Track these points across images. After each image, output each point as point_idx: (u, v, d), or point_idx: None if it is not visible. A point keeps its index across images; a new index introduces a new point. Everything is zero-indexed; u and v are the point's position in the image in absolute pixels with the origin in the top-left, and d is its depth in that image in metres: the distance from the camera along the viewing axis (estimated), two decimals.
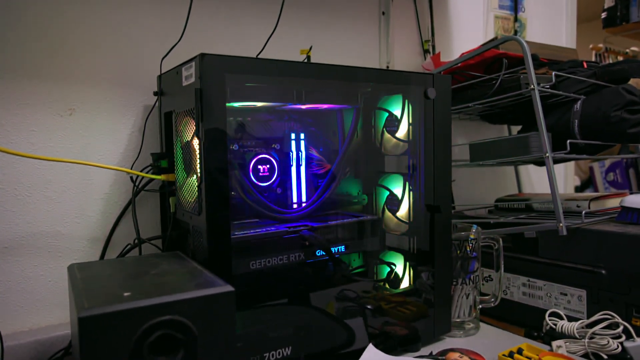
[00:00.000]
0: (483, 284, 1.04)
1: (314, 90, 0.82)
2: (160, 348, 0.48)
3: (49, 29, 0.81)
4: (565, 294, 0.91)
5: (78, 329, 0.45)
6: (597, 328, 0.78)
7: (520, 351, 0.76)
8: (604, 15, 2.38)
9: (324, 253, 0.83)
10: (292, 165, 0.87)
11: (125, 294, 0.49)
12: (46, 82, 0.81)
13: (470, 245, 0.88)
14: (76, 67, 0.83)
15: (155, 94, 0.85)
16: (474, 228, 0.89)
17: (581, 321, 0.81)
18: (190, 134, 0.69)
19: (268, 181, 0.84)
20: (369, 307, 0.83)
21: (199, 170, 0.65)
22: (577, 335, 0.79)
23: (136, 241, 0.81)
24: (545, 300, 0.94)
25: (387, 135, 0.90)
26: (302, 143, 0.88)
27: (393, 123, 0.89)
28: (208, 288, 0.51)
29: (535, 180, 1.61)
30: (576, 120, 0.99)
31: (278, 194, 0.86)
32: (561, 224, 0.88)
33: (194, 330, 0.49)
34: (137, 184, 0.84)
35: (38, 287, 0.81)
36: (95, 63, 0.85)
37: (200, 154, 0.64)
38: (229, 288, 0.52)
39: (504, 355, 0.75)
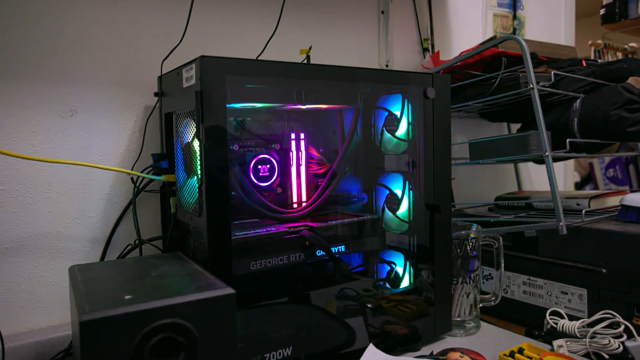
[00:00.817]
0: (483, 283, 1.04)
1: (313, 91, 0.82)
2: (161, 351, 0.48)
3: (49, 30, 0.81)
4: (566, 293, 0.91)
5: (79, 333, 0.45)
6: (598, 327, 0.78)
7: (521, 351, 0.76)
8: (602, 11, 2.38)
9: (324, 253, 0.83)
10: (292, 165, 0.87)
11: (127, 297, 0.49)
12: (47, 83, 0.81)
13: (471, 244, 0.88)
14: (77, 68, 0.83)
15: (155, 95, 0.85)
16: (474, 227, 0.89)
17: (582, 320, 0.81)
18: (190, 135, 0.69)
19: (268, 181, 0.84)
20: (369, 306, 0.83)
21: (199, 172, 0.65)
22: (578, 335, 0.79)
23: (137, 242, 0.81)
24: (545, 299, 0.94)
25: (386, 134, 0.90)
26: (302, 143, 0.88)
27: (393, 122, 0.89)
28: (209, 291, 0.51)
29: (535, 177, 1.61)
30: (575, 119, 0.99)
31: (278, 194, 0.86)
32: (561, 223, 0.88)
33: (195, 333, 0.49)
34: (137, 184, 0.85)
35: (39, 287, 0.82)
36: (95, 64, 0.85)
37: (200, 155, 0.64)
38: (229, 291, 0.52)
39: (504, 355, 0.75)
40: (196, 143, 0.66)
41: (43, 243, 0.82)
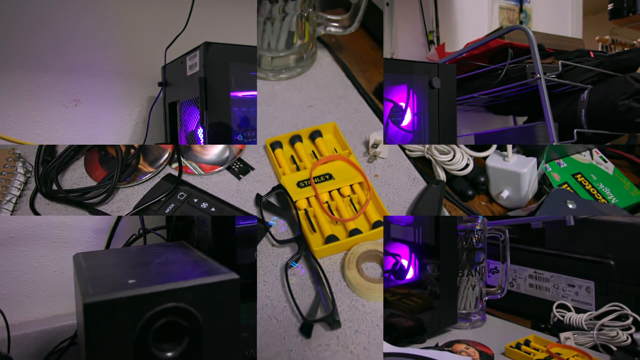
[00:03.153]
0: (489, 276, 1.03)
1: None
2: (165, 335, 0.47)
3: (53, 21, 0.81)
4: (573, 286, 0.90)
5: (83, 316, 0.45)
6: (606, 320, 0.77)
7: (527, 342, 0.75)
8: (610, 6, 2.35)
9: None
10: None
11: (130, 281, 0.49)
12: (51, 73, 0.81)
13: (476, 236, 0.88)
14: (81, 58, 0.83)
15: (159, 84, 0.84)
16: (480, 219, 0.89)
17: (589, 313, 0.80)
18: (194, 124, 0.69)
19: None
20: None
21: None
22: (585, 327, 0.79)
23: (141, 231, 0.81)
24: (552, 292, 0.93)
25: (391, 125, 0.90)
26: None
27: (398, 113, 0.88)
28: (213, 275, 0.51)
29: None
30: (583, 110, 0.98)
31: None
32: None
33: (199, 317, 0.48)
34: None
35: (44, 277, 0.82)
36: (99, 54, 0.85)
37: (204, 143, 0.63)
38: (233, 275, 0.51)
39: (511, 346, 0.74)
40: (200, 131, 0.66)
41: (48, 233, 0.82)
